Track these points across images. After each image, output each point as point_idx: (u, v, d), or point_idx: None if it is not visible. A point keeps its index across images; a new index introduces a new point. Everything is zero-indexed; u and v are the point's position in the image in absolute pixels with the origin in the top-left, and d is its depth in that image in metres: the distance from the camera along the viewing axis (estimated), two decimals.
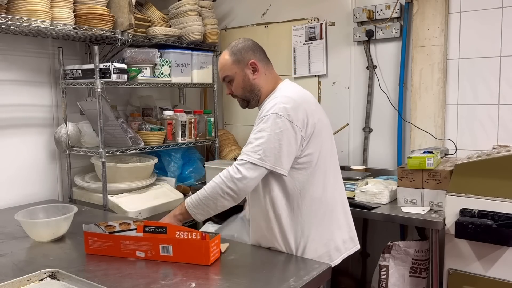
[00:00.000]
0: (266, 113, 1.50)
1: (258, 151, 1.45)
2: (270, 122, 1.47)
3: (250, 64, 1.63)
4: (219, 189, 1.48)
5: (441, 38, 2.36)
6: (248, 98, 1.67)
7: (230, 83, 1.67)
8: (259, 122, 1.51)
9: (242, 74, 1.64)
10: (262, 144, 1.46)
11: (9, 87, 2.30)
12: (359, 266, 2.78)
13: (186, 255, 1.42)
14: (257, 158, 1.45)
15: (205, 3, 2.88)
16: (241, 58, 1.63)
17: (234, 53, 1.64)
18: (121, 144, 2.40)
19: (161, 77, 2.59)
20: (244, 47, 1.65)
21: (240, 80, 1.64)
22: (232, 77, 1.65)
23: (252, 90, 1.65)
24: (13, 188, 2.33)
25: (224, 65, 1.65)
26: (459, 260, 1.84)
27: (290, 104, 1.50)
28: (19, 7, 1.99)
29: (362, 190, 2.20)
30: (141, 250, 1.48)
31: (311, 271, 1.36)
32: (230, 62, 1.64)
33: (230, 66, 1.64)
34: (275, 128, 1.46)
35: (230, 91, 1.69)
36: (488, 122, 2.29)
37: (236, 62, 1.63)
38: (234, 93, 1.68)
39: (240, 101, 1.70)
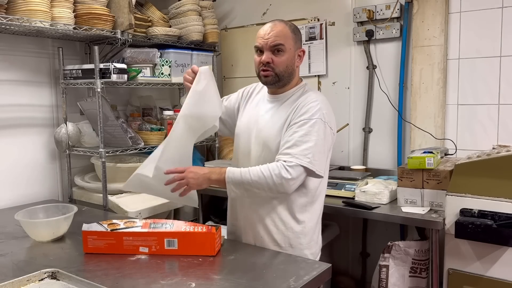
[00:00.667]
0: (311, 117, 1.52)
1: (307, 154, 1.48)
2: (317, 127, 1.51)
3: (301, 51, 1.64)
4: (265, 183, 1.48)
5: (441, 38, 2.36)
6: (283, 78, 1.61)
7: (276, 53, 1.58)
8: (302, 124, 1.51)
9: (293, 53, 1.60)
10: (310, 148, 1.49)
11: (9, 87, 2.30)
12: (359, 266, 2.78)
13: (192, 247, 1.47)
14: (308, 162, 1.48)
15: (205, 3, 2.88)
16: (298, 39, 1.63)
17: (295, 32, 1.61)
18: (121, 144, 2.40)
19: (161, 77, 2.59)
20: (300, 34, 1.65)
21: (290, 57, 1.59)
22: (285, 49, 1.57)
23: (291, 74, 1.62)
24: (13, 188, 2.33)
25: (284, 34, 1.57)
26: (459, 260, 1.84)
27: (330, 111, 1.60)
28: (19, 7, 1.99)
29: (362, 190, 2.20)
30: (145, 246, 1.48)
31: (311, 271, 1.36)
32: (291, 36, 1.59)
33: (290, 39, 1.58)
34: (321, 133, 1.52)
35: (270, 59, 1.58)
36: (488, 122, 2.29)
37: (294, 39, 1.60)
38: (275, 65, 1.58)
39: (272, 75, 1.59)
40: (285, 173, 1.46)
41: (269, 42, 1.57)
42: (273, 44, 1.57)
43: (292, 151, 1.49)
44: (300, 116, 1.53)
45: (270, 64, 1.58)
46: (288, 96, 1.64)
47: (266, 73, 1.60)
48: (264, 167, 1.49)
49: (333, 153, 2.81)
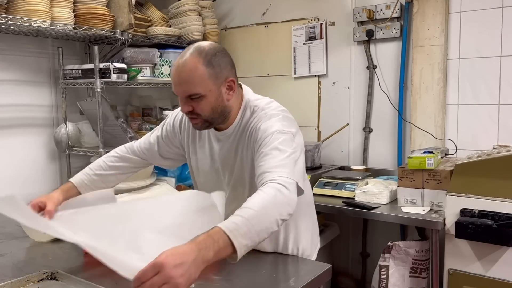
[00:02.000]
0: (268, 134, 1.28)
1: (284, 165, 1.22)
2: (280, 139, 1.27)
3: (228, 82, 1.33)
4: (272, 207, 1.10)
5: (441, 38, 2.36)
6: (213, 121, 1.35)
7: (194, 100, 1.30)
8: (267, 144, 1.26)
9: (217, 92, 1.31)
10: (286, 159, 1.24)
11: (9, 87, 2.30)
12: (359, 266, 2.78)
13: None
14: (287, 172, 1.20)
15: (205, 3, 2.88)
16: (219, 72, 1.30)
17: (212, 64, 1.28)
18: (121, 144, 2.40)
19: (161, 77, 2.59)
20: (223, 59, 1.32)
21: (212, 99, 1.30)
22: (203, 95, 1.28)
23: (222, 112, 1.35)
24: (13, 188, 2.33)
25: (196, 77, 1.27)
26: (459, 260, 1.84)
27: (286, 119, 1.38)
28: (19, 7, 1.99)
29: (362, 190, 2.19)
30: None
31: (311, 271, 1.36)
32: (206, 76, 1.27)
33: (206, 81, 1.27)
34: (286, 146, 1.27)
35: (191, 108, 1.31)
36: (489, 122, 2.29)
37: (213, 76, 1.29)
38: (199, 112, 1.31)
39: (200, 122, 1.34)
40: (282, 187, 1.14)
41: (181, 92, 1.30)
42: (186, 96, 1.29)
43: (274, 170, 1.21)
44: (260, 140, 1.29)
45: (193, 112, 1.32)
46: (237, 127, 1.41)
47: (193, 121, 1.36)
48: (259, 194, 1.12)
49: (333, 153, 2.85)
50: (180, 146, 1.58)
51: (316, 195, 2.32)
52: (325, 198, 2.27)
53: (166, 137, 1.57)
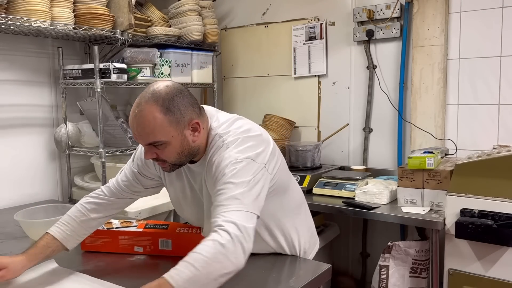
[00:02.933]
0: (222, 169, 1.21)
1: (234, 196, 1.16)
2: (230, 169, 1.20)
3: (193, 124, 1.25)
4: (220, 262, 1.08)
5: (441, 38, 2.36)
6: (182, 163, 1.30)
7: (158, 147, 1.23)
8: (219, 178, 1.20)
9: (181, 137, 1.23)
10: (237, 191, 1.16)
11: (9, 87, 2.30)
12: (359, 266, 2.78)
13: (185, 249, 1.45)
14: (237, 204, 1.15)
15: (205, 3, 2.88)
16: (180, 117, 1.21)
17: (171, 110, 1.19)
18: (121, 144, 2.40)
19: (161, 77, 2.59)
20: (182, 102, 1.22)
21: (177, 144, 1.23)
22: (166, 142, 1.21)
23: (190, 154, 1.28)
24: (13, 188, 2.33)
25: (156, 126, 1.18)
26: (459, 260, 1.84)
27: (244, 141, 1.26)
28: (19, 7, 1.99)
29: (362, 190, 2.19)
30: (140, 245, 1.49)
31: (311, 271, 1.36)
32: (166, 123, 1.19)
33: (166, 128, 1.19)
34: (241, 174, 1.20)
35: (155, 155, 1.24)
36: (489, 122, 2.29)
37: (174, 122, 1.20)
38: (164, 158, 1.25)
39: (169, 166, 1.28)
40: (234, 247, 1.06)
41: (142, 142, 1.23)
42: (147, 144, 1.23)
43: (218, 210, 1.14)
44: (214, 177, 1.23)
45: (158, 158, 1.26)
46: (206, 162, 1.31)
47: (162, 166, 1.29)
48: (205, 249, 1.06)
49: (333, 153, 2.85)
50: (157, 177, 1.48)
51: (316, 195, 2.33)
52: (325, 198, 2.27)
53: (141, 171, 1.46)
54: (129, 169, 1.47)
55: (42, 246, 1.31)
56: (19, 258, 1.27)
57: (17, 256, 1.27)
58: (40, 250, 1.30)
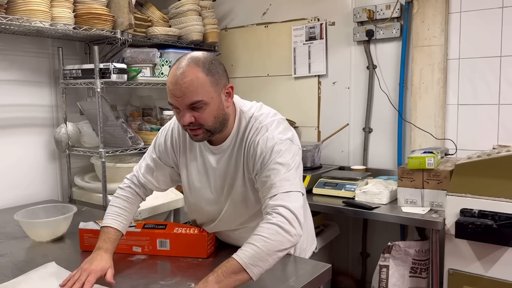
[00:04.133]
0: (268, 149, 1.30)
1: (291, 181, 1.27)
2: (276, 152, 1.30)
3: (227, 89, 1.33)
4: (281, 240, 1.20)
5: (441, 38, 2.36)
6: (215, 130, 1.32)
7: (196, 109, 1.27)
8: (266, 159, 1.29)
9: (218, 100, 1.29)
10: (285, 173, 1.27)
11: (9, 87, 2.30)
12: (359, 266, 2.78)
13: (183, 249, 1.48)
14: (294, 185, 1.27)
15: (205, 3, 2.88)
16: (219, 79, 1.29)
17: (211, 71, 1.27)
18: (121, 144, 2.40)
19: (161, 77, 2.59)
20: (219, 67, 1.31)
21: (215, 107, 1.28)
22: (206, 103, 1.26)
23: (223, 120, 1.33)
24: (13, 188, 2.33)
25: (198, 84, 1.24)
26: (459, 260, 1.84)
27: (280, 126, 1.37)
28: (19, 7, 1.99)
29: (362, 190, 2.19)
30: (138, 245, 1.50)
31: (311, 271, 1.36)
32: (208, 83, 1.26)
33: (208, 88, 1.26)
34: (286, 154, 1.30)
35: (193, 119, 1.27)
36: (488, 122, 2.29)
37: (214, 83, 1.27)
38: (202, 122, 1.28)
39: (202, 133, 1.31)
40: (290, 227, 1.20)
41: (183, 102, 1.26)
42: (189, 104, 1.26)
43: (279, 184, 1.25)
44: (260, 156, 1.31)
45: (194, 123, 1.29)
46: (234, 139, 1.39)
47: (194, 132, 1.32)
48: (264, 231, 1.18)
49: (333, 153, 2.85)
50: (174, 165, 1.53)
51: (316, 195, 2.33)
52: (325, 198, 2.27)
53: (161, 156, 1.53)
54: (149, 157, 1.55)
55: (114, 239, 1.40)
56: (107, 256, 1.34)
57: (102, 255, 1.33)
58: (114, 244, 1.40)
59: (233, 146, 1.39)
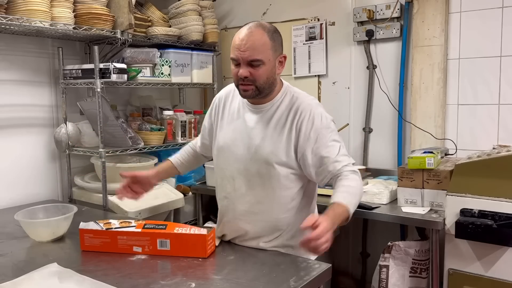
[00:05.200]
0: (323, 125, 1.52)
1: (344, 153, 1.52)
2: (332, 128, 1.55)
3: (281, 57, 1.53)
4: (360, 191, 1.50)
5: (441, 38, 2.36)
6: (264, 90, 1.50)
7: (254, 66, 1.46)
8: (325, 135, 1.51)
9: (273, 63, 1.49)
10: (342, 147, 1.53)
11: (9, 87, 2.30)
12: (359, 266, 2.78)
13: (184, 249, 1.48)
14: (350, 158, 1.54)
15: (205, 3, 2.88)
16: (278, 46, 1.50)
17: (274, 38, 1.48)
18: (121, 144, 2.40)
19: (161, 77, 2.59)
20: (279, 38, 1.52)
21: (269, 67, 1.47)
22: (263, 62, 1.45)
23: (272, 84, 1.52)
24: (13, 188, 2.33)
25: (262, 45, 1.44)
26: (459, 260, 1.84)
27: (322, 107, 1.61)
28: (19, 7, 1.99)
29: (362, 190, 2.19)
30: (138, 246, 1.50)
31: (311, 271, 1.36)
32: (269, 46, 1.46)
33: (269, 49, 1.46)
34: (335, 131, 1.56)
35: (249, 73, 1.46)
36: (489, 122, 2.29)
37: (274, 48, 1.47)
38: (255, 78, 1.46)
39: (252, 89, 1.48)
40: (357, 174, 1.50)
41: (245, 57, 1.45)
42: (250, 59, 1.45)
43: (341, 158, 1.50)
44: (316, 130, 1.50)
45: (249, 78, 1.47)
46: (276, 105, 1.55)
47: (245, 87, 1.49)
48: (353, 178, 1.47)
49: None
50: (214, 129, 1.72)
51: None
52: (325, 198, 2.26)
53: (211, 119, 1.75)
54: (203, 126, 1.81)
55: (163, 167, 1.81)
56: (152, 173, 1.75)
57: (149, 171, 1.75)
58: (160, 170, 1.79)
59: (275, 112, 1.54)
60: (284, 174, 1.53)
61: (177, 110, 2.72)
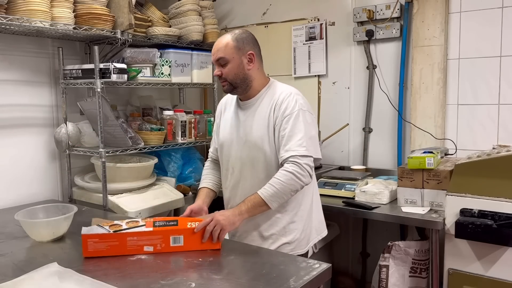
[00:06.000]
0: (292, 111, 1.63)
1: (301, 144, 1.60)
2: (301, 117, 1.63)
3: (249, 54, 1.70)
4: (292, 184, 1.59)
5: (441, 38, 2.36)
6: (237, 85, 1.71)
7: (222, 66, 1.70)
8: (287, 119, 1.63)
9: (239, 60, 1.68)
10: (302, 138, 1.61)
11: (9, 87, 2.30)
12: (359, 266, 2.78)
13: (197, 243, 1.50)
14: (304, 150, 1.60)
15: (205, 3, 2.88)
16: (242, 46, 1.69)
17: (237, 39, 1.69)
18: (121, 144, 2.40)
19: (161, 77, 2.59)
20: (247, 38, 1.72)
21: (235, 65, 1.68)
22: (228, 61, 1.68)
23: (244, 79, 1.70)
24: (13, 188, 2.33)
25: (224, 46, 1.68)
26: (459, 260, 1.84)
27: (304, 99, 1.71)
28: (19, 7, 1.99)
29: (362, 190, 2.20)
30: (150, 245, 1.49)
31: (311, 271, 1.36)
32: (231, 46, 1.68)
33: (230, 50, 1.67)
34: (306, 121, 1.64)
35: (220, 72, 1.70)
36: (488, 122, 2.29)
37: (236, 48, 1.68)
38: (225, 76, 1.70)
39: (227, 85, 1.72)
40: (302, 169, 1.59)
41: (214, 58, 1.71)
42: (215, 59, 1.70)
43: (288, 146, 1.61)
44: (283, 113, 1.64)
45: (222, 76, 1.70)
46: (261, 98, 1.74)
47: (222, 83, 1.73)
48: (282, 174, 1.58)
49: (333, 153, 2.85)
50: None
51: None
52: (325, 198, 2.27)
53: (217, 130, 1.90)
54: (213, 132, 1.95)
55: (203, 194, 1.85)
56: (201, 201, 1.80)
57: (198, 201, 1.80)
58: (203, 197, 1.84)
59: (260, 104, 1.72)
60: (274, 154, 1.68)
61: (177, 110, 2.72)
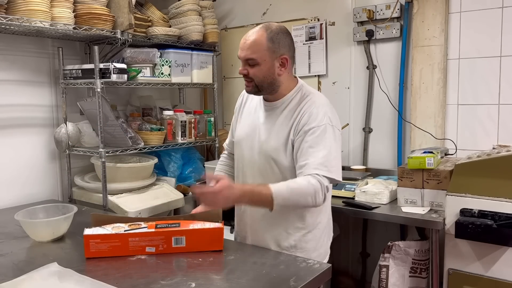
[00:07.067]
0: (318, 124, 1.50)
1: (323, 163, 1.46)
2: (328, 133, 1.50)
3: (282, 58, 1.56)
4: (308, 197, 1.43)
5: (441, 38, 2.36)
6: (263, 88, 1.57)
7: (250, 65, 1.55)
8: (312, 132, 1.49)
9: (270, 64, 1.54)
10: (326, 155, 1.47)
11: (9, 87, 2.30)
12: (359, 266, 2.78)
13: (199, 243, 1.49)
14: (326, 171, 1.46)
15: (205, 3, 2.88)
16: (277, 48, 1.54)
17: (273, 40, 1.53)
18: (121, 144, 2.40)
19: (161, 77, 2.59)
20: (283, 39, 1.56)
21: (265, 68, 1.54)
22: (258, 63, 1.53)
23: (272, 83, 1.57)
24: (13, 188, 2.33)
25: (257, 45, 1.52)
26: (459, 260, 1.84)
27: (333, 112, 1.58)
28: (19, 7, 1.99)
29: (362, 190, 2.20)
30: (152, 245, 1.48)
31: (311, 271, 1.36)
32: (265, 48, 1.52)
33: (263, 51, 1.52)
34: (332, 138, 1.51)
35: (246, 71, 1.56)
36: (488, 122, 2.29)
37: (270, 50, 1.53)
38: (251, 76, 1.55)
39: (252, 86, 1.57)
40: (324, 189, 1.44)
41: (242, 55, 1.56)
42: (246, 58, 1.55)
43: (316, 162, 1.46)
44: (309, 125, 1.51)
45: (248, 76, 1.56)
46: (286, 103, 1.61)
47: (246, 83, 1.59)
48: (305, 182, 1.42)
49: None
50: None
51: None
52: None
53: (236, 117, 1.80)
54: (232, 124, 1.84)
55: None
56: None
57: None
58: None
59: (283, 110, 1.60)
60: (289, 168, 1.57)
61: (177, 110, 2.72)
